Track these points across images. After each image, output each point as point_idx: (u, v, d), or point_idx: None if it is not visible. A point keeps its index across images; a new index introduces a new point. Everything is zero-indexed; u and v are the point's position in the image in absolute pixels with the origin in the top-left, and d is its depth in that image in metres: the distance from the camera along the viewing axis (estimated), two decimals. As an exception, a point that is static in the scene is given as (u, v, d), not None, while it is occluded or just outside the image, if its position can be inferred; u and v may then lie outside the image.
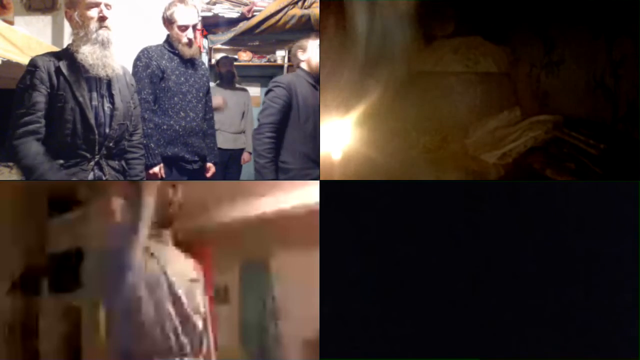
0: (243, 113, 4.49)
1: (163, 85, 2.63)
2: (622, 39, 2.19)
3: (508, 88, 2.88)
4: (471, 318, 1.69)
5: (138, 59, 2.63)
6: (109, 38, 1.99)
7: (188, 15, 2.65)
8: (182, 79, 2.69)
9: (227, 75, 4.45)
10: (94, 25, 1.96)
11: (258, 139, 2.48)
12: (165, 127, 2.64)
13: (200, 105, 2.78)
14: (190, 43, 2.66)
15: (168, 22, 2.67)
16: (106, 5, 1.98)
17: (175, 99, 2.67)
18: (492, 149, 2.64)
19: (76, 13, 1.98)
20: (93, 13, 1.96)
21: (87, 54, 1.94)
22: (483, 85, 2.89)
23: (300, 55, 2.72)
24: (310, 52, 2.68)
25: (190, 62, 2.75)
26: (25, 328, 2.26)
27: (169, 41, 2.70)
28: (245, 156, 4.44)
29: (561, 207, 1.70)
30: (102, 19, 1.96)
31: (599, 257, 1.67)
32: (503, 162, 2.56)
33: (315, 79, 2.68)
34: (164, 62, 2.65)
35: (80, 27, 1.98)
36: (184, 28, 2.63)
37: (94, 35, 1.96)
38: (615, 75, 2.23)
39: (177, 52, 2.68)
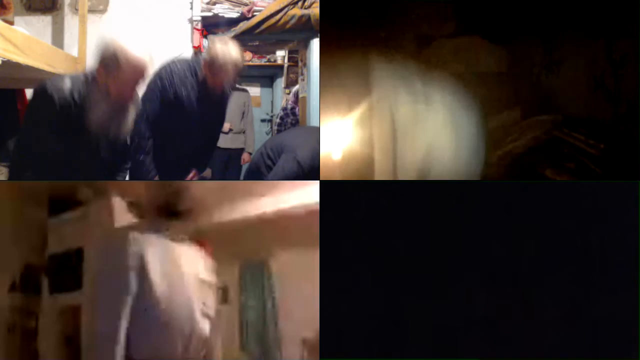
0: (243, 113, 4.48)
1: (173, 110, 2.47)
2: (622, 39, 2.19)
3: (508, 88, 2.88)
4: (471, 318, 1.69)
5: (159, 75, 2.45)
6: (128, 110, 1.90)
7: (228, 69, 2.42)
8: (196, 108, 2.52)
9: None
10: (116, 101, 1.85)
11: None
12: (166, 150, 2.55)
13: (204, 129, 2.67)
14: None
15: (209, 64, 2.43)
16: (136, 85, 1.85)
17: (181, 125, 2.54)
18: (492, 149, 2.63)
19: (106, 80, 1.85)
20: (122, 90, 1.84)
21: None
22: (483, 85, 2.88)
23: None
24: None
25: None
26: (25, 328, 2.26)
27: (195, 68, 2.47)
28: (245, 156, 4.43)
29: (561, 207, 1.70)
30: (129, 96, 1.85)
31: (599, 257, 1.67)
32: (503, 162, 2.56)
33: None
34: (183, 90, 2.46)
35: (103, 94, 1.85)
36: (219, 81, 2.43)
37: (113, 108, 1.86)
38: (615, 75, 2.23)
39: (200, 81, 2.48)
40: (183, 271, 1.44)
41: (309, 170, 2.38)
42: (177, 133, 2.53)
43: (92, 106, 1.86)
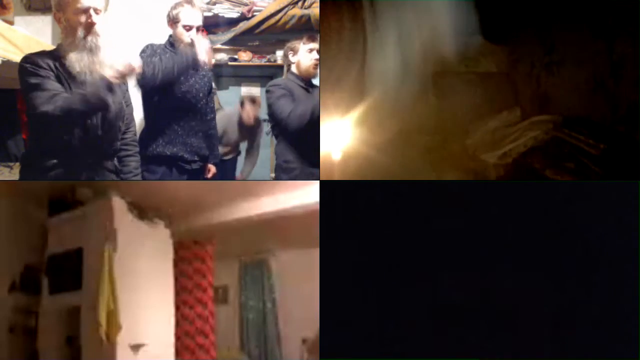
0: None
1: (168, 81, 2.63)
2: (622, 39, 2.19)
3: (508, 88, 2.88)
4: (470, 318, 1.69)
5: (143, 51, 2.65)
6: (97, 44, 1.92)
7: (193, 16, 2.68)
8: (182, 78, 2.69)
9: (254, 128, 4.22)
10: (81, 31, 1.89)
11: (295, 120, 2.50)
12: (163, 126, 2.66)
13: (199, 106, 2.78)
14: (192, 44, 2.67)
15: (172, 21, 2.69)
16: (95, 10, 1.91)
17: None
18: (492, 149, 2.63)
19: (64, 17, 1.92)
20: (81, 19, 1.89)
21: (75, 61, 1.89)
22: (483, 85, 2.88)
23: (291, 57, 2.70)
24: (300, 54, 2.67)
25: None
26: (25, 328, 2.26)
27: (170, 42, 2.72)
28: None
29: (561, 207, 1.70)
30: (90, 25, 1.90)
31: (599, 257, 1.67)
32: (503, 162, 2.56)
33: (306, 81, 2.67)
34: (168, 58, 2.66)
35: (68, 33, 1.92)
36: (188, 28, 2.66)
37: (82, 42, 1.90)
38: (615, 75, 2.23)
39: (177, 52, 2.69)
40: None
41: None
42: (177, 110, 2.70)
43: (65, 48, 1.94)
